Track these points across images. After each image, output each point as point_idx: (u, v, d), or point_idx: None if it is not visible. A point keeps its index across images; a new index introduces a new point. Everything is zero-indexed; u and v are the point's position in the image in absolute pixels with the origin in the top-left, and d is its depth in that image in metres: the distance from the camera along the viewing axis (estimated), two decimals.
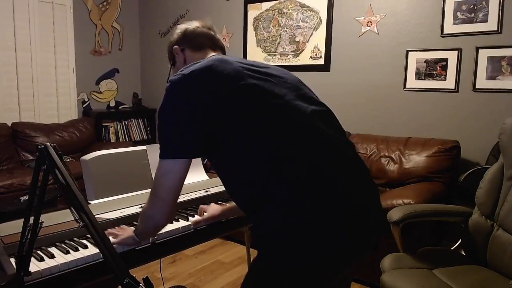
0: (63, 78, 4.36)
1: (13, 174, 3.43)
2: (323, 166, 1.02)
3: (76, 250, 1.21)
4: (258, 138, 1.02)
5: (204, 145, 1.07)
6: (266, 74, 1.12)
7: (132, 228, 1.27)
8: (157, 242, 1.31)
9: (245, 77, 1.06)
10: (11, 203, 2.43)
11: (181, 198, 1.64)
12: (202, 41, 1.29)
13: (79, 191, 0.98)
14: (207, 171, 2.10)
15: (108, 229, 1.31)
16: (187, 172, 1.08)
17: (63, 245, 1.24)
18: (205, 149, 1.08)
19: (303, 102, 1.10)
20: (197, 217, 1.49)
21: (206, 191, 1.79)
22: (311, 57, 3.57)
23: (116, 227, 1.33)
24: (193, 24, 1.32)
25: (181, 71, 1.08)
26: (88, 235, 1.25)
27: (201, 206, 1.55)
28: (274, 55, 3.80)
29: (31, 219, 1.00)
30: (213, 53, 1.28)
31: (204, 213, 1.51)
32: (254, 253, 1.11)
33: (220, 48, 1.33)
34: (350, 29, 3.34)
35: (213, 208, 1.53)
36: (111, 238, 1.26)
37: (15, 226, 1.26)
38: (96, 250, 1.18)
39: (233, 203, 1.53)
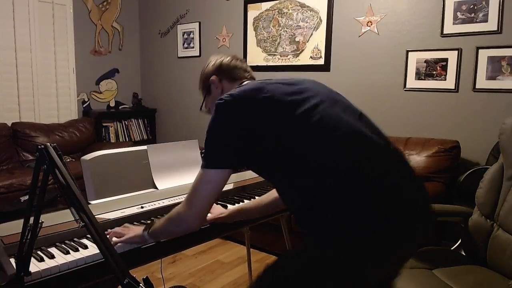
0: (63, 78, 4.36)
1: (13, 174, 3.43)
2: (369, 169, 1.06)
3: (76, 250, 1.21)
4: (300, 159, 1.08)
5: (244, 159, 1.17)
6: (303, 91, 1.18)
7: (140, 226, 1.27)
8: (157, 242, 1.31)
9: (287, 99, 1.14)
10: (11, 203, 2.43)
11: (182, 199, 1.64)
12: (239, 73, 1.40)
13: (79, 191, 0.98)
14: None
15: (113, 229, 1.31)
16: (225, 182, 1.18)
17: (63, 245, 1.24)
18: (245, 162, 1.19)
19: (344, 113, 1.16)
20: None
21: None
22: (311, 57, 3.57)
23: (120, 227, 1.33)
24: (226, 57, 1.42)
25: (231, 92, 1.17)
26: (88, 235, 1.25)
27: None
28: (274, 55, 3.80)
29: (31, 219, 1.00)
30: (246, 81, 1.38)
31: (209, 215, 1.52)
32: (254, 253, 1.12)
33: (252, 78, 1.42)
34: (350, 29, 3.34)
35: (218, 211, 1.54)
36: (116, 238, 1.26)
37: (15, 226, 1.26)
38: (96, 251, 1.17)
39: (239, 206, 1.54)
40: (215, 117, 1.16)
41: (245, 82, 1.35)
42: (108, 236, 1.29)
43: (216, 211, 1.53)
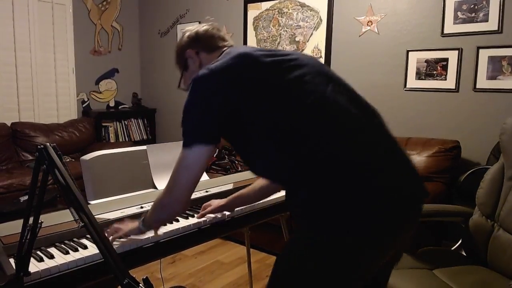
0: (62, 78, 4.36)
1: (12, 174, 3.43)
2: (354, 141, 1.04)
3: (76, 250, 1.21)
4: (281, 128, 1.05)
5: (227, 133, 1.13)
6: (287, 60, 1.14)
7: (135, 220, 1.28)
8: (156, 242, 1.31)
9: (266, 67, 1.10)
10: (10, 203, 2.43)
11: None
12: (216, 42, 1.32)
13: (79, 191, 0.98)
14: (207, 170, 2.10)
15: (111, 225, 1.31)
16: (207, 162, 1.13)
17: (62, 245, 1.24)
18: (227, 137, 1.14)
19: (325, 83, 1.12)
20: (202, 212, 1.51)
21: (207, 191, 1.79)
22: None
23: (118, 222, 1.33)
24: (202, 26, 1.35)
25: (209, 66, 1.12)
26: (88, 236, 1.25)
27: (204, 204, 1.57)
28: None
29: (31, 219, 1.00)
30: (226, 48, 1.31)
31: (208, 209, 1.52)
32: (254, 253, 1.12)
33: (231, 46, 1.34)
34: (350, 29, 3.34)
35: (216, 201, 1.54)
36: (115, 234, 1.26)
37: (14, 226, 1.26)
38: (96, 251, 1.17)
39: (235, 195, 1.54)
40: (192, 92, 1.11)
41: (225, 51, 1.27)
42: (106, 235, 1.30)
43: (215, 203, 1.53)
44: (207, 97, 1.09)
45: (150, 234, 1.29)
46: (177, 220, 1.46)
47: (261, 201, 1.64)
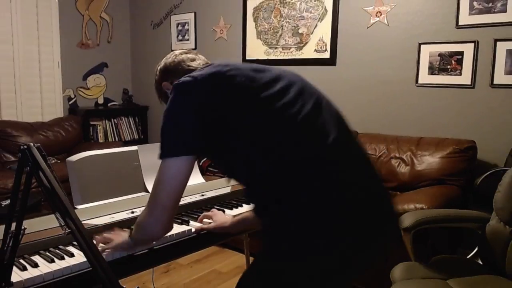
0: (47, 73, 4.36)
1: None
2: (326, 161, 1.07)
3: (62, 258, 1.21)
4: (260, 141, 1.08)
5: (207, 144, 1.12)
6: (268, 79, 1.17)
7: (127, 231, 1.28)
8: (148, 250, 1.31)
9: (250, 79, 1.14)
10: None
11: None
12: (187, 65, 1.36)
13: (65, 195, 0.98)
14: (203, 173, 2.11)
15: (103, 234, 1.31)
16: (189, 174, 1.11)
17: (47, 253, 1.24)
18: (207, 148, 1.14)
19: (303, 101, 1.14)
20: (199, 224, 1.51)
21: (202, 195, 1.80)
22: (315, 50, 3.58)
23: (109, 232, 1.33)
24: (170, 56, 1.40)
25: (190, 74, 1.15)
26: (75, 243, 1.25)
27: (205, 213, 1.57)
28: (276, 48, 3.80)
29: (13, 225, 1.00)
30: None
31: (205, 220, 1.52)
32: None
33: (206, 63, 1.39)
34: (357, 20, 3.34)
35: (220, 219, 1.54)
36: (103, 244, 1.26)
37: None
38: (83, 259, 1.17)
39: (242, 215, 1.54)
40: (173, 99, 1.12)
41: (199, 69, 1.31)
42: (95, 242, 1.30)
43: (219, 218, 1.53)
44: (189, 104, 1.10)
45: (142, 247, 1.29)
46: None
47: None
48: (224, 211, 1.67)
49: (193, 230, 1.47)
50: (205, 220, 1.54)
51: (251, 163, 1.08)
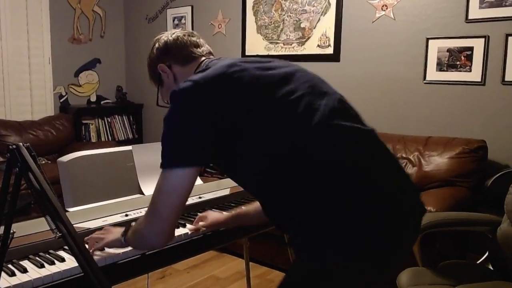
0: (37, 69, 4.36)
1: None
2: (347, 162, 1.07)
3: (52, 263, 1.21)
4: (274, 142, 1.07)
5: (213, 154, 1.12)
6: (276, 72, 1.16)
7: (119, 229, 1.28)
8: (143, 254, 1.31)
9: (258, 80, 1.12)
10: None
11: None
12: (190, 51, 1.31)
13: (56, 197, 0.98)
14: (201, 174, 2.11)
15: (91, 235, 1.31)
16: (192, 186, 1.09)
17: (37, 258, 1.24)
18: (213, 158, 1.14)
19: (317, 98, 1.14)
20: (196, 225, 1.51)
21: (200, 197, 1.80)
22: (318, 45, 3.58)
23: (99, 231, 1.34)
24: (171, 35, 1.34)
25: (192, 78, 1.11)
26: (66, 247, 1.25)
27: (200, 215, 1.57)
28: (277, 43, 3.80)
29: (1, 228, 1.00)
30: (205, 59, 1.31)
31: (200, 223, 1.52)
32: (253, 267, 1.13)
33: (210, 53, 1.36)
34: (362, 14, 3.34)
35: (213, 216, 1.54)
36: (96, 245, 1.27)
37: None
38: (75, 264, 1.17)
39: (237, 210, 1.55)
40: (174, 107, 1.09)
41: (204, 63, 1.28)
42: (87, 243, 1.30)
43: (212, 217, 1.54)
44: (194, 111, 1.07)
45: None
46: None
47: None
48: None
49: (189, 233, 1.47)
50: (200, 223, 1.54)
51: (267, 171, 1.08)
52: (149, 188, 1.80)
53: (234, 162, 1.13)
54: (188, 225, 1.53)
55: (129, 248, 1.27)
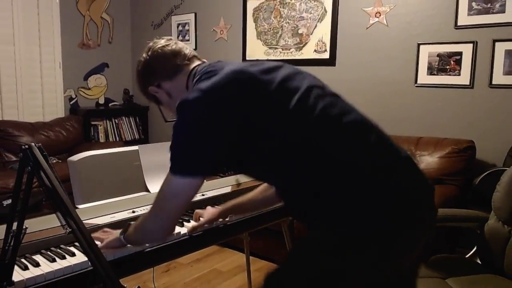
0: (48, 73, 4.36)
1: None
2: (359, 156, 1.07)
3: (63, 258, 1.21)
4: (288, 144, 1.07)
5: (222, 162, 1.13)
6: (285, 77, 1.16)
7: (117, 230, 1.28)
8: (150, 249, 1.31)
9: (264, 82, 1.11)
10: None
11: None
12: (171, 64, 1.27)
13: (66, 195, 0.98)
14: None
15: (92, 234, 1.31)
16: (197, 192, 1.12)
17: (48, 252, 1.24)
18: (222, 165, 1.17)
19: (320, 91, 1.17)
20: (193, 223, 1.50)
21: (203, 195, 1.79)
22: (315, 50, 3.58)
23: (100, 231, 1.34)
24: (148, 51, 1.29)
25: (199, 87, 1.09)
26: (76, 242, 1.25)
27: (197, 210, 1.56)
28: (276, 48, 3.80)
29: (15, 224, 1.00)
30: (195, 64, 1.28)
31: (201, 219, 1.51)
32: (254, 261, 1.13)
33: (194, 57, 1.32)
34: (357, 21, 3.34)
35: (209, 212, 1.53)
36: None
37: None
38: (84, 258, 1.17)
39: (231, 202, 1.54)
40: (183, 117, 1.07)
41: (197, 70, 1.23)
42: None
43: (208, 213, 1.52)
44: (203, 122, 1.05)
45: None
46: None
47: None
48: None
49: (187, 232, 1.45)
50: (201, 219, 1.53)
51: (287, 173, 1.08)
52: (154, 186, 1.80)
53: (248, 160, 1.13)
54: (192, 222, 1.52)
55: (128, 247, 1.27)
